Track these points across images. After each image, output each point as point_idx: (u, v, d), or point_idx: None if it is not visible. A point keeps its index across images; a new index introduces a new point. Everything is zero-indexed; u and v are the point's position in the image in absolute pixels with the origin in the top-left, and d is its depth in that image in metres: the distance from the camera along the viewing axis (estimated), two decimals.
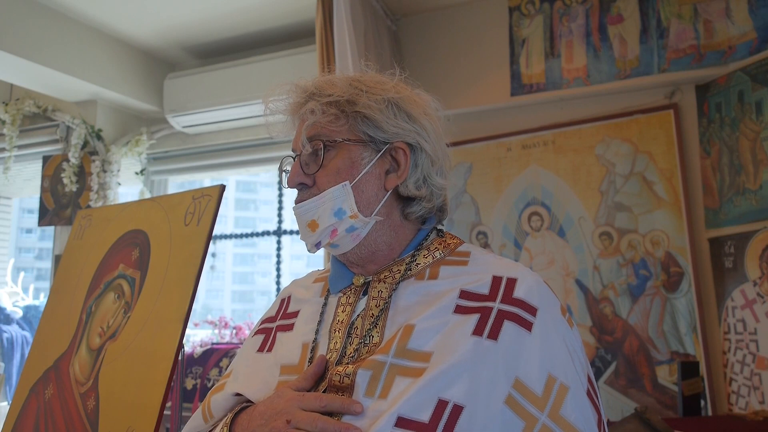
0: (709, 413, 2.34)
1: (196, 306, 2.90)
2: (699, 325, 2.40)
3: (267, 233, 3.62)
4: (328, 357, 0.87)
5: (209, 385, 2.86)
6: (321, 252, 1.00)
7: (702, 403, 2.24)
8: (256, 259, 37.31)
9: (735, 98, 2.40)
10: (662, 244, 2.51)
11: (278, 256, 3.54)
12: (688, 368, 2.13)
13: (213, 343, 3.14)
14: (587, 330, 2.61)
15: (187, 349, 3.06)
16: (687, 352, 2.42)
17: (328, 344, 0.89)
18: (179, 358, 1.11)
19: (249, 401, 0.92)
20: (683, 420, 2.00)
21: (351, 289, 0.94)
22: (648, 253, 2.53)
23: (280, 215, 3.57)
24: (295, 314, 1.00)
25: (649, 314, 2.50)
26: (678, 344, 2.44)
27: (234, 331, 3.31)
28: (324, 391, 0.83)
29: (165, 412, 1.11)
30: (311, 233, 0.91)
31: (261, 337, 1.01)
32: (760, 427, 1.89)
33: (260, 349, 0.99)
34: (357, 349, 0.86)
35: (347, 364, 0.84)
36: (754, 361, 2.24)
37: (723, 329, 2.37)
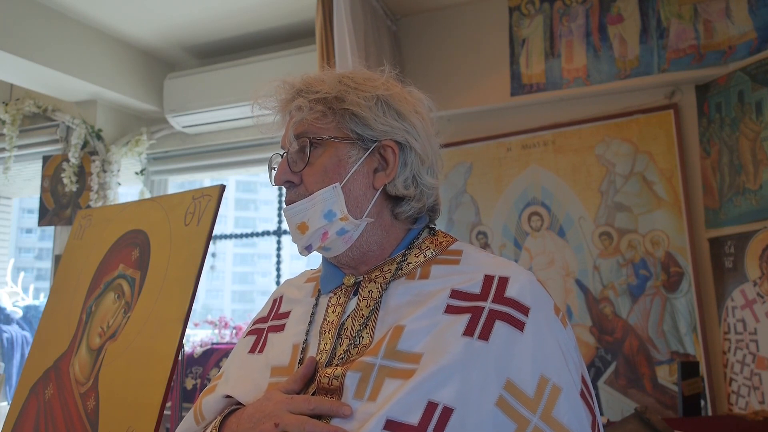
0: (709, 413, 2.34)
1: (196, 306, 2.90)
2: (699, 325, 2.40)
3: (267, 233, 3.61)
4: (318, 358, 0.86)
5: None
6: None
7: (702, 403, 2.24)
8: (256, 259, 37.32)
9: (735, 98, 2.40)
10: (662, 244, 2.51)
11: (278, 256, 3.54)
12: (688, 368, 2.13)
13: (213, 343, 3.14)
14: (587, 330, 2.61)
15: (187, 349, 3.06)
16: (687, 352, 2.42)
17: (318, 345, 0.88)
18: (179, 358, 1.11)
19: (239, 403, 0.91)
20: (683, 420, 1.99)
21: (342, 290, 0.93)
22: (648, 253, 2.53)
23: (280, 215, 3.57)
24: (287, 315, 0.99)
25: (649, 314, 2.50)
26: (678, 344, 2.44)
27: (234, 331, 3.31)
28: (313, 394, 0.82)
29: (165, 412, 1.11)
30: (301, 236, 0.90)
31: (252, 338, 1.00)
32: (760, 427, 1.89)
33: (251, 350, 0.98)
34: (347, 350, 0.84)
35: (337, 365, 0.83)
36: (754, 361, 2.24)
37: (723, 329, 2.37)
